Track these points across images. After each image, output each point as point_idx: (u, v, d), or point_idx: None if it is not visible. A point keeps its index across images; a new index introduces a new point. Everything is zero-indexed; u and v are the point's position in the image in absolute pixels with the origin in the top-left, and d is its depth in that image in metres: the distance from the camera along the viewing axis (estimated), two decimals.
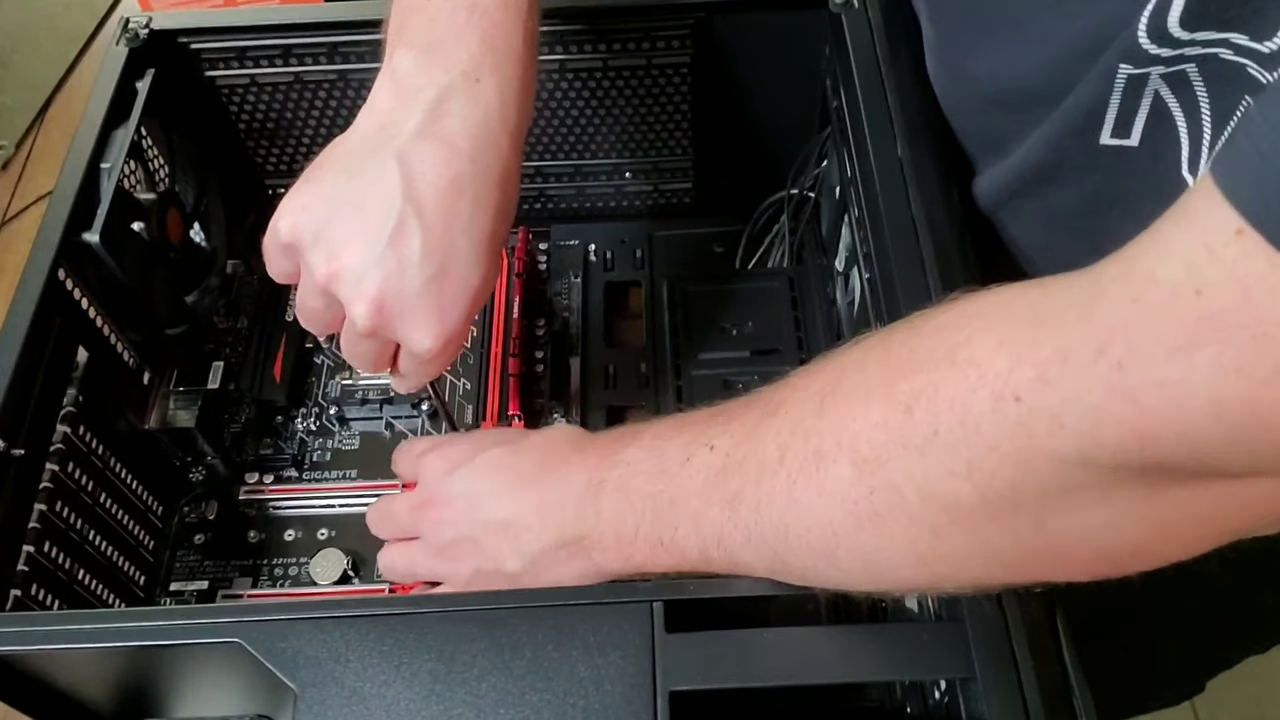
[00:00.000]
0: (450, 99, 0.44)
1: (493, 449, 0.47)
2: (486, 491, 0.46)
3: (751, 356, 0.63)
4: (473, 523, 0.46)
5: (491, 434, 0.49)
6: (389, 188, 0.43)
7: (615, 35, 0.58)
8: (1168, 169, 0.37)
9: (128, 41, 0.57)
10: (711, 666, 0.37)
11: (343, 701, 0.37)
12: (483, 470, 0.47)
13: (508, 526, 0.45)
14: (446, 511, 0.47)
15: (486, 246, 0.45)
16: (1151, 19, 0.32)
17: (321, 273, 0.43)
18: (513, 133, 0.45)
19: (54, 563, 0.47)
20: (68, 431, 0.49)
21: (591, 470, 0.43)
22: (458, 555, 0.46)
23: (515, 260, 0.64)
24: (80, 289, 0.51)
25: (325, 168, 0.45)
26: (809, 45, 0.59)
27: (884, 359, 0.34)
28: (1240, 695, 1.11)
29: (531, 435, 0.48)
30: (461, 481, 0.47)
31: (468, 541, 0.46)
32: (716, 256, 0.68)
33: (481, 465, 0.47)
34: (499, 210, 0.45)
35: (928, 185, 0.48)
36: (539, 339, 0.64)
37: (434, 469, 0.49)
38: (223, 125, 0.62)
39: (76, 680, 0.44)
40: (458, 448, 0.49)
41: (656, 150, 0.65)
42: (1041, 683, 0.35)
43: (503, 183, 0.45)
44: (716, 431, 0.40)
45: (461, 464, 0.47)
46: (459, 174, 0.43)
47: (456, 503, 0.47)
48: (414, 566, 0.49)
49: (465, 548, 0.46)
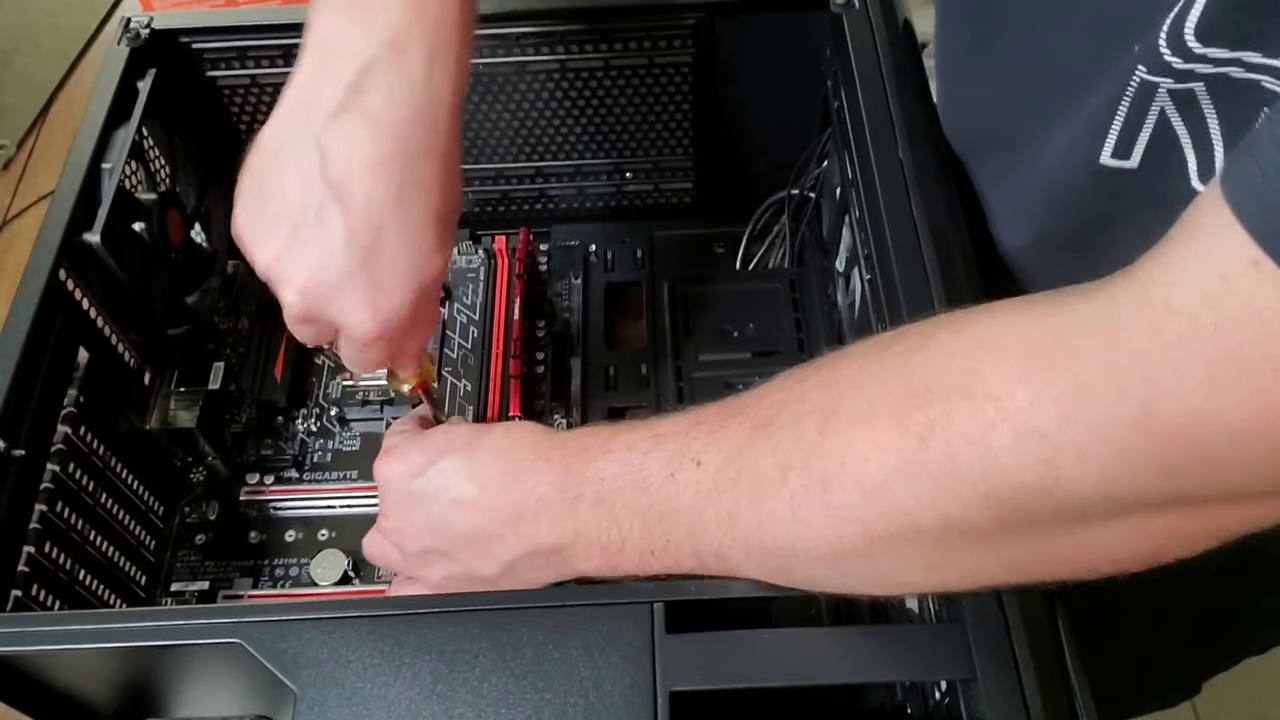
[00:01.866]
0: (373, 73, 0.41)
1: (448, 457, 0.45)
2: (448, 504, 0.44)
3: (752, 358, 0.63)
4: (437, 535, 0.44)
5: (446, 437, 0.46)
6: (307, 171, 0.41)
7: (616, 35, 0.58)
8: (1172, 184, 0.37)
9: (129, 41, 0.57)
10: (712, 667, 0.37)
11: (343, 702, 0.37)
12: (442, 481, 0.44)
13: (477, 538, 0.43)
14: (409, 526, 0.45)
15: (424, 225, 0.42)
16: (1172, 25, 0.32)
17: (259, 264, 0.43)
18: (447, 106, 0.42)
19: (55, 563, 0.47)
20: (68, 432, 0.49)
21: (562, 483, 0.42)
22: (427, 562, 0.45)
23: (516, 261, 0.64)
24: (81, 289, 0.51)
25: (255, 155, 0.44)
26: (810, 46, 0.59)
27: (884, 380, 0.34)
28: (1240, 695, 1.11)
29: (489, 436, 0.45)
30: (420, 496, 0.45)
31: (435, 552, 0.45)
32: (717, 257, 0.68)
33: (439, 476, 0.45)
34: (437, 187, 0.42)
35: (929, 186, 0.48)
36: (539, 340, 0.64)
37: (390, 480, 0.46)
38: (224, 125, 0.62)
39: (77, 680, 0.44)
40: (411, 457, 0.46)
41: (657, 150, 0.65)
42: (1042, 683, 0.35)
43: (440, 158, 0.42)
44: (701, 445, 0.39)
45: (416, 474, 0.45)
46: (383, 152, 0.41)
47: (416, 518, 0.45)
48: (390, 563, 0.49)
49: (433, 557, 0.45)
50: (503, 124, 0.63)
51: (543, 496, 0.42)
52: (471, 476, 0.44)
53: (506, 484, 0.43)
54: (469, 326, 0.65)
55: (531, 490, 0.42)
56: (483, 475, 0.44)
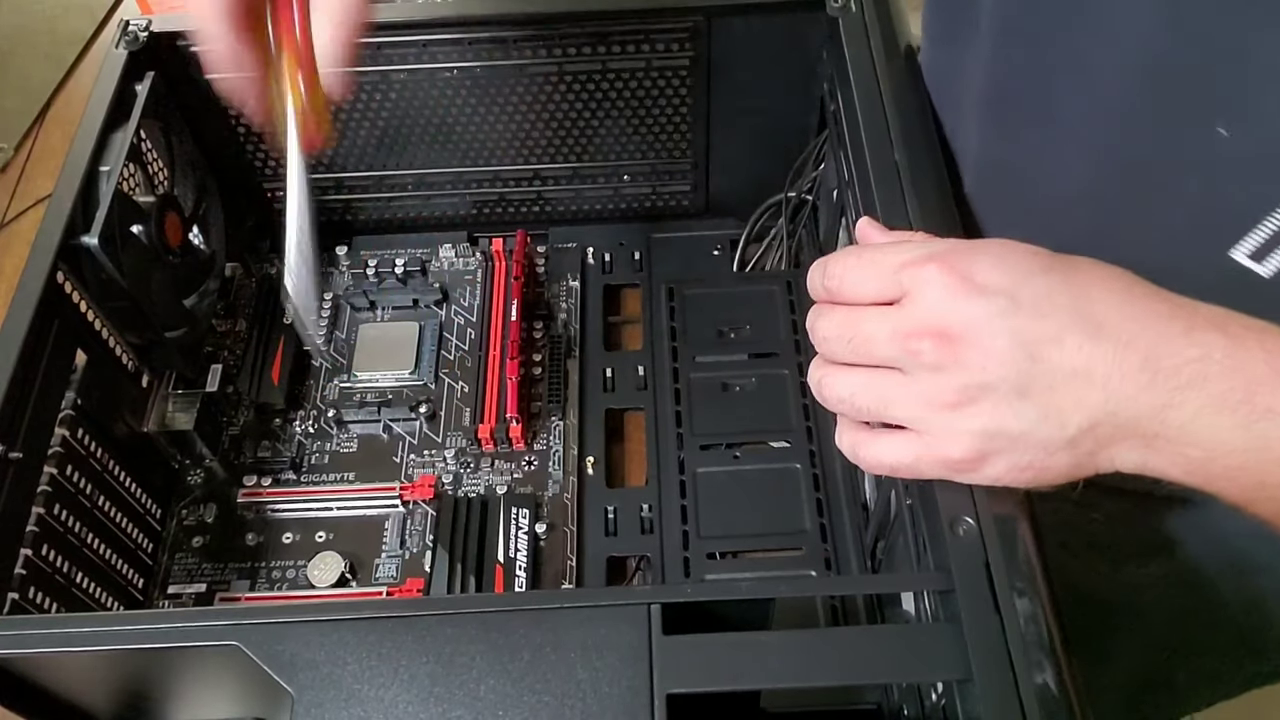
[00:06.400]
0: None
1: (1040, 277, 0.35)
2: (1046, 331, 0.34)
3: (749, 359, 0.63)
4: (1015, 370, 0.34)
5: (1017, 249, 0.36)
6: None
7: (614, 38, 0.59)
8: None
9: (127, 44, 0.57)
10: (708, 669, 0.37)
11: (340, 704, 0.37)
12: (1033, 302, 0.35)
13: (1079, 379, 0.34)
14: (972, 352, 0.35)
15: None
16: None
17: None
18: None
19: (52, 566, 0.47)
20: (66, 434, 0.49)
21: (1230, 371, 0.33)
22: (976, 403, 0.35)
23: (514, 263, 0.64)
24: (79, 292, 0.51)
25: None
26: (807, 48, 0.59)
27: None
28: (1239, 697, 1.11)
29: (1091, 270, 0.36)
30: (998, 312, 0.35)
31: (994, 392, 0.35)
32: (715, 259, 0.68)
33: (1028, 295, 0.35)
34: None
35: (924, 189, 0.48)
36: (537, 342, 0.64)
37: (943, 287, 0.36)
38: (222, 128, 0.62)
39: (74, 684, 0.44)
40: (980, 262, 0.36)
41: (655, 153, 0.65)
42: (1039, 684, 0.35)
43: None
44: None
45: (993, 289, 0.35)
46: None
47: (994, 341, 0.35)
48: (886, 409, 0.38)
49: (988, 398, 0.35)
50: (500, 126, 0.63)
51: (1196, 369, 0.33)
52: (1077, 310, 0.35)
53: (1129, 328, 0.34)
54: (466, 329, 0.65)
55: (1175, 346, 0.33)
56: (1095, 312, 0.35)
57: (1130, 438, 0.34)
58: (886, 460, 0.38)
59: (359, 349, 0.64)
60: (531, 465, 0.59)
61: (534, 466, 0.59)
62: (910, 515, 0.43)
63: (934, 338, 0.35)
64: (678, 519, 0.57)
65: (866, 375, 0.38)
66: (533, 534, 0.56)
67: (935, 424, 0.36)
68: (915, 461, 0.37)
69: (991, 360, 0.35)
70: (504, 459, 0.60)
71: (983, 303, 0.35)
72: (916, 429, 0.37)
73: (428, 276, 0.67)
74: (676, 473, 0.58)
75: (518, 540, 0.56)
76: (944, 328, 0.35)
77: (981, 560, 0.37)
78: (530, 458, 0.60)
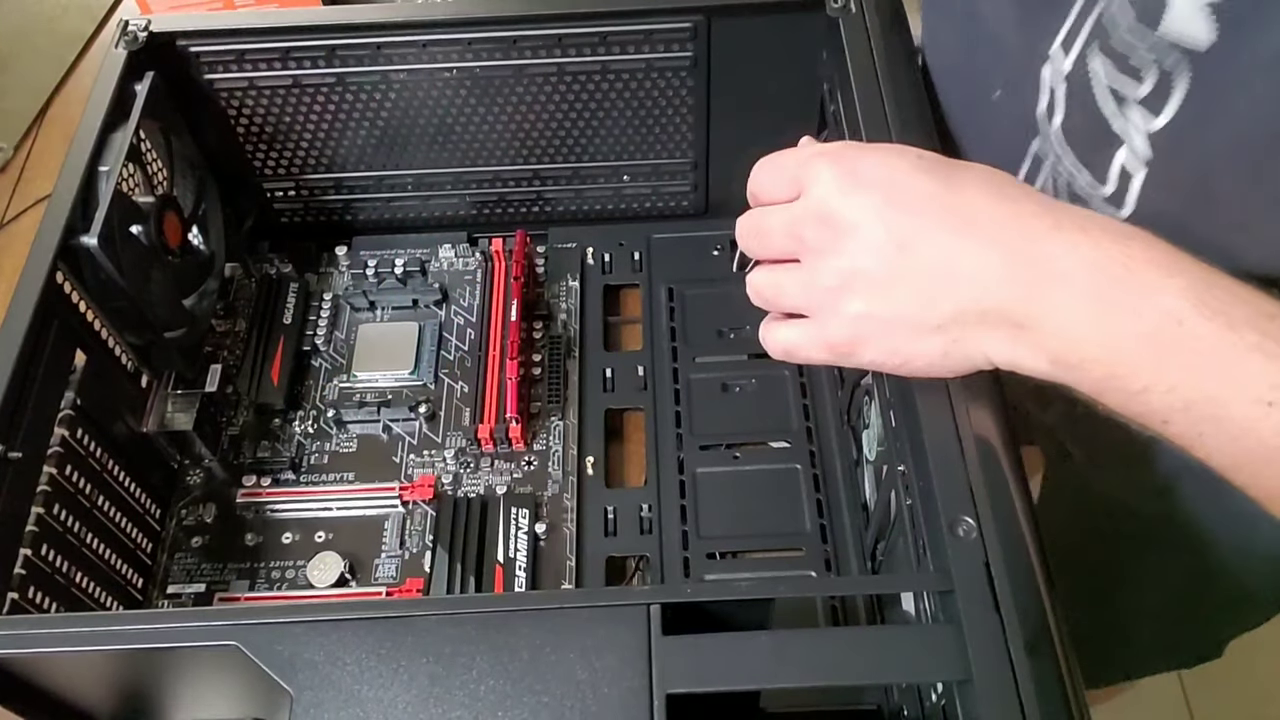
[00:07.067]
0: None
1: (919, 176, 0.38)
2: (919, 226, 0.37)
3: (749, 360, 0.63)
4: (887, 258, 0.37)
5: (905, 152, 0.39)
6: None
7: (614, 38, 0.59)
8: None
9: (126, 44, 0.57)
10: (708, 669, 0.37)
11: (339, 705, 0.37)
12: (909, 198, 0.37)
13: (946, 270, 0.36)
14: (849, 240, 0.38)
15: None
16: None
17: None
18: None
19: (51, 566, 0.47)
20: (65, 434, 0.49)
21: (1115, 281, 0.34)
22: (852, 288, 0.38)
23: (513, 263, 0.64)
24: (78, 292, 0.51)
25: None
26: (807, 49, 0.59)
27: None
28: (1236, 693, 1.12)
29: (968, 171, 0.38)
30: (875, 206, 0.37)
31: (868, 278, 0.38)
32: (714, 259, 0.68)
33: (905, 191, 0.37)
34: None
35: None
36: (537, 342, 0.64)
37: (830, 181, 0.38)
38: (221, 128, 0.62)
39: (73, 683, 0.43)
40: (866, 160, 0.39)
41: (655, 153, 0.65)
42: (1038, 684, 0.35)
43: None
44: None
45: (874, 184, 0.38)
46: None
47: (870, 231, 0.37)
48: (780, 295, 0.41)
49: (862, 283, 0.38)
50: (500, 127, 0.63)
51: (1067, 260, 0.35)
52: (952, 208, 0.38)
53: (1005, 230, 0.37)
54: (466, 329, 0.65)
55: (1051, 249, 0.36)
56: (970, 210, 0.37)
57: (998, 328, 0.36)
58: (781, 343, 0.42)
59: (359, 349, 0.64)
60: (531, 465, 0.59)
61: (533, 466, 0.59)
62: (910, 516, 0.43)
63: (817, 224, 0.39)
64: (677, 519, 0.57)
65: (771, 267, 0.42)
66: (532, 534, 0.56)
67: (819, 307, 0.40)
68: (803, 342, 0.41)
69: (867, 248, 0.37)
70: (504, 459, 0.60)
71: (863, 195, 0.38)
72: (808, 314, 0.40)
73: (427, 277, 0.67)
74: (676, 473, 0.58)
75: (517, 540, 0.56)
76: (826, 214, 0.38)
77: (981, 561, 0.37)
78: (530, 458, 0.60)
